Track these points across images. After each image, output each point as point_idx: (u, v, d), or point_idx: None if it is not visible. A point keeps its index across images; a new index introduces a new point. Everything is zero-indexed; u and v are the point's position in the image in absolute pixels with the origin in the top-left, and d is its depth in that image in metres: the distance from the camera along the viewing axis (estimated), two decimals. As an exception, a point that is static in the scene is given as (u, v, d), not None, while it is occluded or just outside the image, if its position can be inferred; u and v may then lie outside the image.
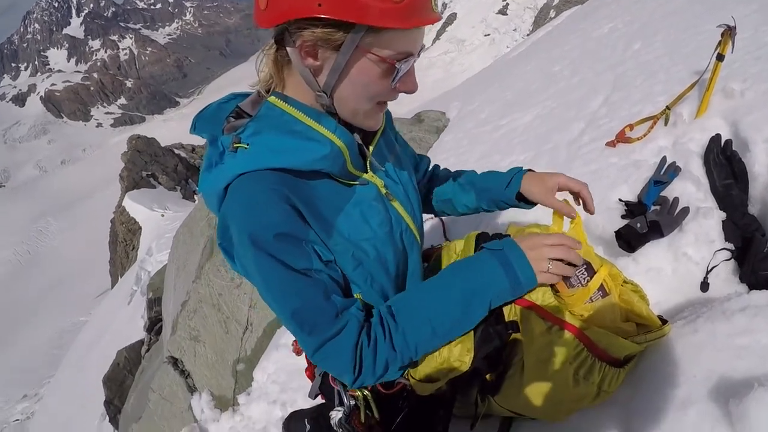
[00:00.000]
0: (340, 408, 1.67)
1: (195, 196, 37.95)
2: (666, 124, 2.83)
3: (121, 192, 39.90)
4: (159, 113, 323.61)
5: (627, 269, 2.07)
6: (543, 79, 6.25)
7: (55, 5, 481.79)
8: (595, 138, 3.34)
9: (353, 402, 1.66)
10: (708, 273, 1.92)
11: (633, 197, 2.47)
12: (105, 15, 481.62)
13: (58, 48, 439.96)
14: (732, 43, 2.45)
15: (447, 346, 1.41)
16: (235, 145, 1.26)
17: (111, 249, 39.72)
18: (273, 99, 1.32)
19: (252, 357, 4.76)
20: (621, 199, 2.46)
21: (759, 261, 1.82)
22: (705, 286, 1.90)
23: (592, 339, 1.35)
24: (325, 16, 1.11)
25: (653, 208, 2.29)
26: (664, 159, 2.49)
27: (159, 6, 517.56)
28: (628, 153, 2.84)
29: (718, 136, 2.35)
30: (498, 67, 12.23)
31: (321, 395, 1.87)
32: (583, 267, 1.41)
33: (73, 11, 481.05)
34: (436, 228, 3.21)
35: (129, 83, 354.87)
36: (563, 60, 6.58)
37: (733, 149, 2.24)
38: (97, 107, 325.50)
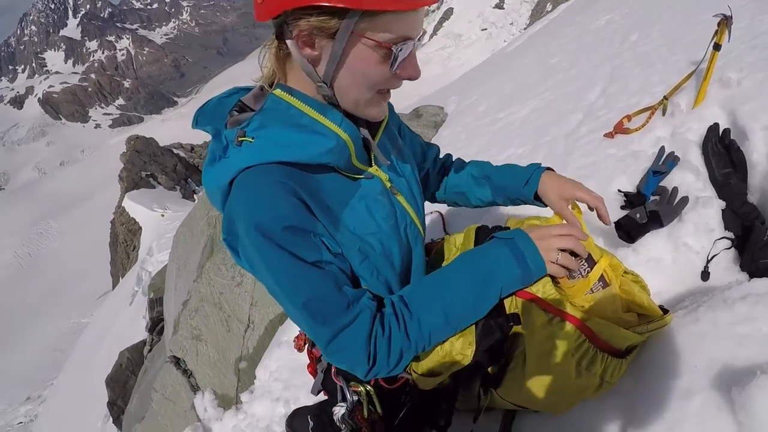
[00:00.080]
0: (342, 404, 1.67)
1: (195, 195, 38.01)
2: (664, 114, 2.83)
3: (121, 193, 39.93)
4: (157, 113, 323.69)
5: (627, 260, 2.07)
6: (540, 72, 6.24)
7: (52, 7, 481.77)
8: (593, 129, 3.34)
9: (356, 398, 1.66)
10: (708, 262, 1.92)
11: (632, 188, 2.47)
12: (101, 16, 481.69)
13: (55, 49, 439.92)
14: (728, 33, 2.45)
15: (449, 339, 1.41)
16: (240, 139, 1.24)
17: (111, 250, 39.77)
18: (278, 92, 1.30)
19: (254, 355, 4.76)
20: (620, 190, 2.46)
21: (759, 249, 1.82)
22: (705, 275, 1.91)
23: (593, 330, 1.35)
24: (319, 3, 1.10)
25: (652, 198, 2.29)
26: (662, 149, 2.49)
27: (155, 6, 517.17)
28: (626, 144, 2.84)
29: (716, 125, 2.35)
30: (495, 61, 12.22)
31: (324, 391, 1.87)
32: (583, 258, 1.41)
33: (70, 12, 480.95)
34: (435, 222, 3.21)
35: (127, 84, 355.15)
36: (560, 52, 6.57)
37: (732, 138, 2.24)
38: (95, 108, 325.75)
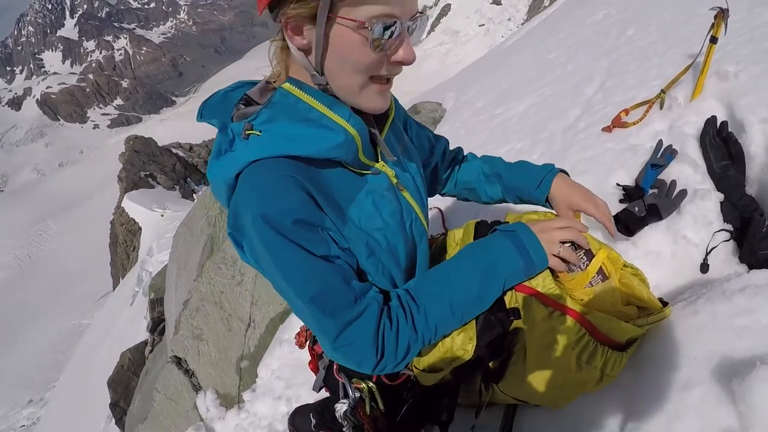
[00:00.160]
0: (345, 400, 1.67)
1: (194, 194, 38.00)
2: (661, 107, 2.83)
3: (120, 193, 39.94)
4: (155, 113, 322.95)
5: (626, 253, 2.07)
6: (538, 68, 6.24)
7: (49, 7, 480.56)
8: (591, 124, 3.34)
9: (358, 394, 1.66)
10: (707, 254, 1.93)
11: (630, 181, 2.46)
12: (99, 16, 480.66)
13: (52, 50, 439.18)
14: (725, 26, 2.45)
15: (450, 335, 1.41)
16: (247, 132, 1.23)
17: (111, 250, 39.76)
18: (287, 86, 1.29)
19: (255, 354, 4.77)
20: (618, 184, 2.46)
21: (758, 241, 1.82)
22: (704, 267, 1.91)
23: (593, 323, 1.36)
24: None
25: (651, 191, 2.29)
26: (660, 142, 2.49)
27: (153, 5, 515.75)
28: (624, 138, 2.84)
29: (713, 118, 2.35)
30: (493, 57, 12.20)
31: (326, 388, 1.87)
32: (582, 251, 1.42)
33: (67, 13, 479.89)
34: (435, 218, 3.22)
35: (125, 83, 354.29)
36: (558, 48, 6.57)
37: (729, 131, 2.24)
38: (94, 108, 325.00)
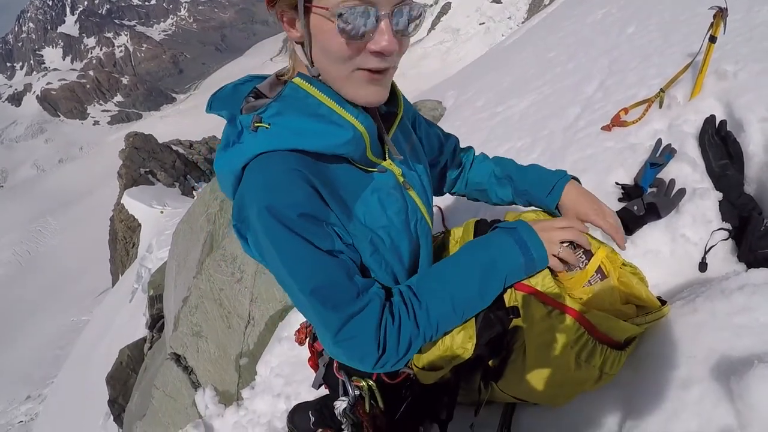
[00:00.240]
0: (344, 398, 1.67)
1: (194, 191, 37.96)
2: (660, 106, 2.83)
3: (120, 190, 39.90)
4: (156, 110, 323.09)
5: (625, 252, 2.06)
6: (538, 66, 6.24)
7: (50, 3, 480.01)
8: (591, 123, 3.34)
9: (358, 392, 1.66)
10: (706, 253, 1.93)
11: (629, 180, 2.46)
12: (99, 12, 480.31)
13: (53, 46, 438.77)
14: (724, 25, 2.45)
15: (449, 333, 1.41)
16: (256, 125, 1.23)
17: (111, 247, 39.75)
18: (297, 80, 1.28)
19: (255, 351, 4.77)
20: (618, 183, 2.46)
21: (756, 239, 1.82)
22: (703, 266, 1.91)
23: (592, 322, 1.36)
24: None
25: (650, 190, 2.29)
26: (659, 141, 2.49)
27: (153, 2, 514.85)
28: (623, 136, 2.84)
29: (712, 117, 2.35)
30: (493, 56, 12.20)
31: (325, 386, 1.87)
32: (581, 250, 1.42)
33: (68, 9, 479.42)
34: (434, 216, 3.21)
35: (125, 80, 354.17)
36: (558, 46, 6.57)
37: (728, 130, 2.24)
38: (94, 105, 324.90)
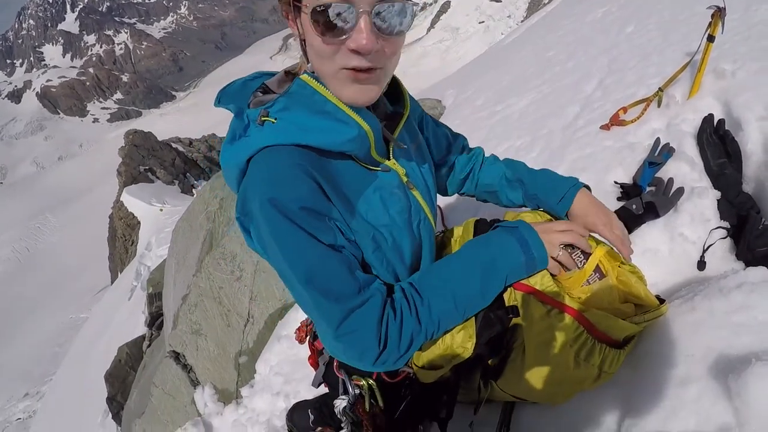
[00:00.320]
0: (344, 396, 1.67)
1: (193, 189, 37.93)
2: (659, 105, 2.83)
3: (119, 187, 39.81)
4: (155, 107, 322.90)
5: (625, 252, 2.08)
6: (538, 65, 6.23)
7: (50, 1, 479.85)
8: (590, 121, 3.34)
9: (357, 391, 1.66)
10: (704, 252, 1.93)
11: (628, 179, 2.47)
12: (100, 10, 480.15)
13: (53, 44, 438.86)
14: (722, 24, 2.45)
15: (449, 333, 1.42)
16: (263, 119, 1.24)
17: (110, 245, 39.67)
18: (305, 77, 1.30)
19: (254, 349, 4.77)
20: (616, 182, 2.47)
21: (754, 238, 1.83)
22: (701, 264, 1.92)
23: (591, 321, 1.36)
24: None
25: (648, 189, 2.30)
26: (658, 140, 2.49)
27: (154, 0, 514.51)
28: (622, 135, 2.84)
29: (710, 116, 2.35)
30: (493, 54, 12.19)
31: (325, 384, 1.87)
32: (579, 250, 1.42)
33: (68, 6, 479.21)
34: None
35: (125, 78, 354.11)
36: (558, 45, 6.56)
37: (726, 129, 2.24)
38: (94, 102, 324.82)
